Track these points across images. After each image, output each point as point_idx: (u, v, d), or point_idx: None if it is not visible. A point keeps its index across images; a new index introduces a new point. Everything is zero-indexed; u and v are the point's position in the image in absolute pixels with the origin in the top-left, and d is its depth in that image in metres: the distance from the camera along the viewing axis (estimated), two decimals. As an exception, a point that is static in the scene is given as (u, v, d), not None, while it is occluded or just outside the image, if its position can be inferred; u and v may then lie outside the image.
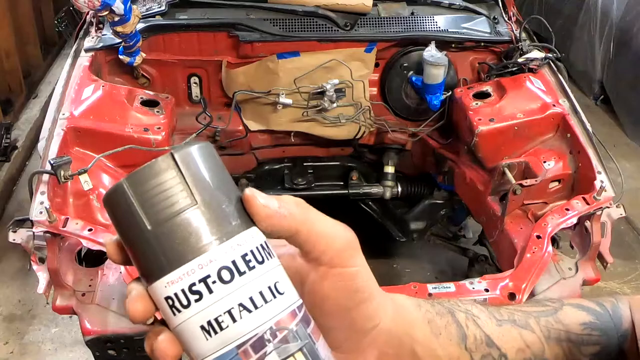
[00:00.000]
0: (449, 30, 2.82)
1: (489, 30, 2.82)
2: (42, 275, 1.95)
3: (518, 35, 2.77)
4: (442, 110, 2.77)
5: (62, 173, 2.00)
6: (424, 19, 2.82)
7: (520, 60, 2.64)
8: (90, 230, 1.92)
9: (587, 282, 2.10)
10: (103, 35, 2.67)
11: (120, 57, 2.61)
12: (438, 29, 2.82)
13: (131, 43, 2.52)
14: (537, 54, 2.63)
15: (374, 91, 2.94)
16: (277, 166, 3.06)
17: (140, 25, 2.57)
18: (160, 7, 2.72)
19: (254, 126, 2.85)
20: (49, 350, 2.87)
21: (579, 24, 5.12)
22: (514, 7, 3.02)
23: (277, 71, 2.72)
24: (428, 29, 2.81)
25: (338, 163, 3.08)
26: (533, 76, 2.59)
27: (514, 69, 2.69)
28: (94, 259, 2.12)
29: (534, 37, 2.89)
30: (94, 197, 2.16)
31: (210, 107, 2.81)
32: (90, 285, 2.01)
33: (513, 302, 1.87)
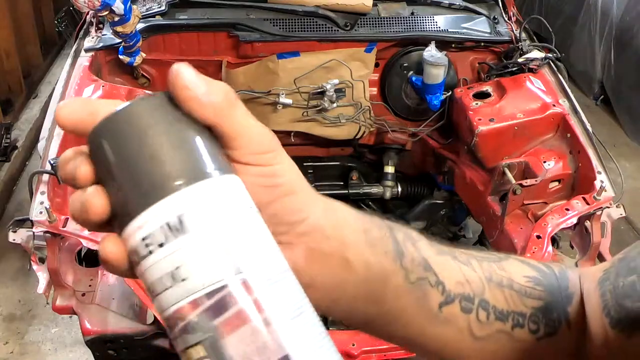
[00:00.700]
0: (449, 30, 2.82)
1: (489, 30, 2.83)
2: (42, 275, 1.95)
3: (518, 35, 2.77)
4: (442, 110, 2.77)
5: (62, 173, 1.99)
6: (424, 19, 2.83)
7: (520, 60, 2.64)
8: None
9: (587, 282, 2.10)
10: (103, 35, 2.67)
11: (120, 57, 2.61)
12: (438, 29, 2.82)
13: (131, 43, 2.52)
14: (537, 54, 2.63)
15: (374, 91, 2.94)
16: (277, 166, 3.06)
17: (140, 25, 2.57)
18: (160, 7, 2.73)
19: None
20: (49, 350, 2.87)
21: (579, 24, 5.12)
22: (514, 7, 3.02)
23: (277, 71, 2.72)
24: (428, 29, 2.81)
25: (338, 163, 3.08)
26: (533, 76, 2.59)
27: (514, 69, 2.69)
28: (94, 259, 2.12)
29: (534, 37, 2.89)
30: (94, 197, 2.16)
31: (210, 107, 2.80)
32: (90, 285, 2.01)
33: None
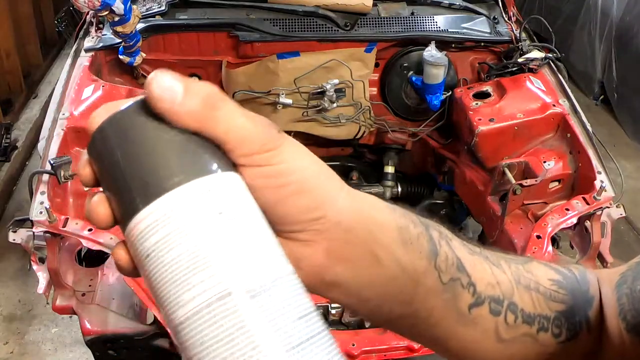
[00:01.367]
0: (449, 30, 2.82)
1: (489, 30, 2.83)
2: (42, 275, 1.95)
3: (518, 35, 2.77)
4: (442, 110, 2.77)
5: (62, 173, 2.00)
6: (424, 19, 2.83)
7: (520, 60, 2.64)
8: (90, 230, 1.92)
9: (587, 282, 2.10)
10: (103, 35, 2.67)
11: (120, 57, 2.61)
12: (438, 29, 2.82)
13: (131, 43, 2.52)
14: (537, 54, 2.63)
15: (374, 91, 2.94)
16: (277, 166, 3.06)
17: (140, 25, 2.57)
18: (160, 7, 2.73)
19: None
20: (49, 350, 2.87)
21: (579, 24, 5.11)
22: (514, 7, 3.02)
23: (277, 71, 2.72)
24: (428, 29, 2.81)
25: (338, 163, 3.07)
26: (533, 76, 2.59)
27: (514, 69, 2.69)
28: (94, 259, 2.12)
29: (534, 37, 2.89)
30: (94, 197, 2.16)
31: (210, 107, 2.80)
32: (90, 285, 2.01)
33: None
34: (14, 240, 1.97)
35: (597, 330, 0.59)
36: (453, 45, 2.82)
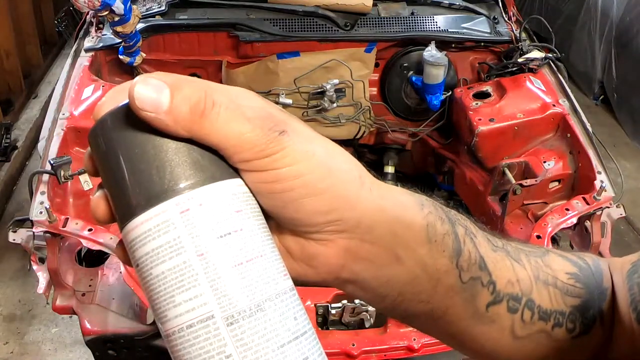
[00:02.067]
0: (449, 30, 2.82)
1: (489, 30, 2.83)
2: (42, 275, 1.95)
3: (518, 35, 2.77)
4: (442, 110, 2.77)
5: (62, 173, 1.99)
6: (424, 19, 2.83)
7: (520, 60, 2.64)
8: (90, 230, 1.92)
9: (587, 282, 2.10)
10: (103, 35, 2.67)
11: (120, 57, 2.61)
12: (438, 29, 2.82)
13: (131, 43, 2.52)
14: (537, 54, 2.63)
15: (374, 91, 2.94)
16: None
17: (140, 25, 2.57)
18: (160, 7, 2.73)
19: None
20: (49, 350, 2.87)
21: (579, 24, 5.12)
22: (514, 7, 3.02)
23: (277, 71, 2.72)
24: (428, 29, 2.81)
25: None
26: (533, 76, 2.59)
27: (514, 69, 2.69)
28: (94, 259, 2.12)
29: (534, 37, 2.89)
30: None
31: (210, 107, 2.80)
32: (90, 285, 2.01)
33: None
34: (14, 240, 1.97)
35: (610, 321, 0.58)
36: (453, 45, 2.82)
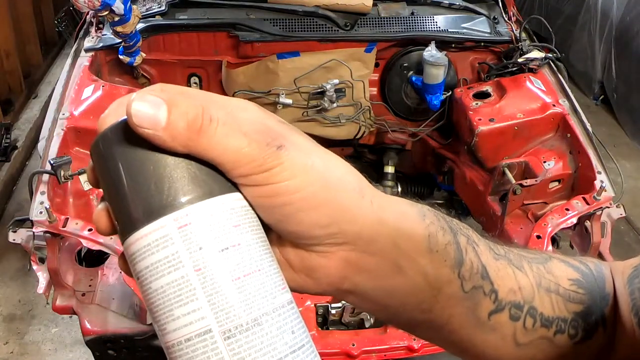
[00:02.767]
0: (449, 30, 2.82)
1: (489, 30, 2.83)
2: (42, 275, 1.95)
3: (518, 35, 2.77)
4: (442, 110, 2.77)
5: (62, 173, 2.00)
6: (424, 19, 2.83)
7: (520, 60, 2.64)
8: (90, 230, 1.92)
9: (587, 282, 2.10)
10: (103, 35, 2.67)
11: (120, 57, 2.61)
12: (438, 29, 2.82)
13: (131, 43, 2.52)
14: (537, 54, 2.63)
15: (374, 91, 2.95)
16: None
17: (140, 25, 2.57)
18: (160, 7, 2.73)
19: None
20: (49, 350, 2.87)
21: (579, 24, 5.12)
22: (514, 7, 3.02)
23: (277, 71, 2.72)
24: (428, 29, 2.81)
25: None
26: (533, 76, 2.59)
27: (514, 69, 2.69)
28: (94, 259, 2.12)
29: (534, 37, 2.89)
30: (94, 197, 2.16)
31: (210, 107, 2.80)
32: (90, 285, 2.01)
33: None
34: (14, 240, 1.97)
35: (612, 326, 0.58)
36: (453, 45, 2.82)
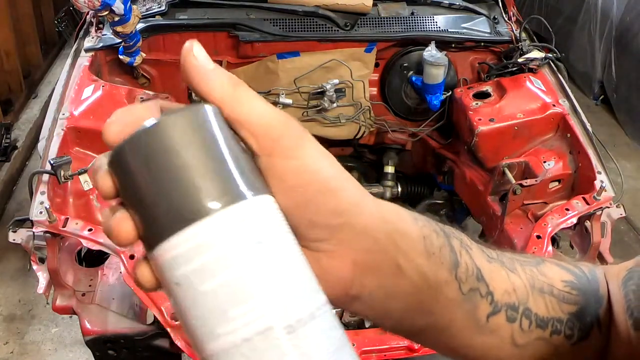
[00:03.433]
0: (449, 30, 2.82)
1: (489, 30, 2.83)
2: (42, 275, 1.95)
3: (518, 35, 2.77)
4: (442, 110, 2.77)
5: (62, 173, 2.00)
6: (424, 19, 2.83)
7: (520, 60, 2.64)
8: (90, 230, 1.92)
9: (587, 282, 2.10)
10: (103, 35, 2.67)
11: (120, 57, 2.61)
12: (438, 29, 2.82)
13: (131, 43, 2.52)
14: (537, 54, 2.63)
15: (374, 91, 2.94)
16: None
17: (140, 25, 2.57)
18: (160, 7, 2.73)
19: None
20: (49, 350, 2.87)
21: (579, 24, 5.12)
22: (514, 7, 3.02)
23: (277, 71, 2.72)
24: (428, 29, 2.81)
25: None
26: (533, 76, 2.59)
27: (514, 69, 2.69)
28: (94, 259, 2.12)
29: (534, 37, 2.89)
30: (94, 197, 2.16)
31: (210, 107, 2.81)
32: (90, 285, 2.01)
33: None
34: (14, 240, 1.97)
35: (607, 328, 0.59)
36: (453, 45, 2.82)
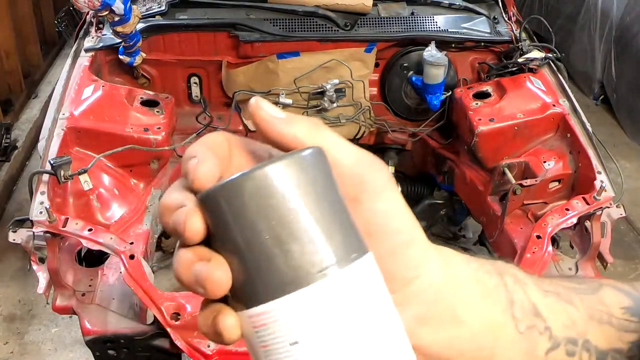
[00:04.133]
0: (449, 30, 2.82)
1: (489, 30, 2.83)
2: (42, 275, 1.95)
3: (518, 35, 2.77)
4: (442, 110, 2.77)
5: (62, 173, 2.00)
6: (424, 19, 2.83)
7: (520, 60, 2.64)
8: (90, 230, 1.92)
9: (587, 282, 2.10)
10: (103, 35, 2.67)
11: (120, 57, 2.61)
12: (438, 29, 2.82)
13: (131, 43, 2.52)
14: (537, 54, 2.63)
15: (374, 91, 2.94)
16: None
17: (140, 25, 2.57)
18: (160, 7, 2.73)
19: (254, 126, 2.84)
20: (49, 350, 2.87)
21: (579, 24, 5.12)
22: (514, 7, 3.02)
23: (277, 71, 2.72)
24: (428, 29, 2.81)
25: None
26: (533, 76, 2.59)
27: (514, 69, 2.69)
28: (94, 259, 2.12)
29: (534, 37, 2.89)
30: (94, 197, 2.16)
31: (210, 107, 2.81)
32: (90, 285, 2.01)
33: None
34: (14, 240, 1.97)
35: None
36: (453, 45, 2.82)
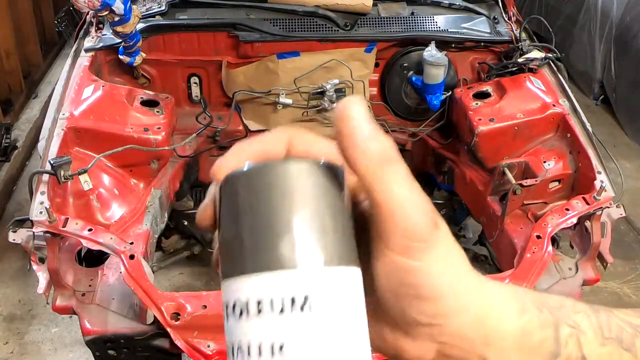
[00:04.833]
0: (449, 30, 2.82)
1: (489, 30, 2.83)
2: (42, 275, 1.95)
3: (518, 35, 2.77)
4: (442, 110, 2.77)
5: (62, 173, 2.00)
6: (424, 19, 2.83)
7: (520, 60, 2.64)
8: (90, 230, 1.92)
9: (587, 282, 2.10)
10: (103, 35, 2.67)
11: (120, 57, 2.61)
12: (438, 29, 2.82)
13: (131, 43, 2.52)
14: (537, 54, 2.63)
15: (374, 91, 2.95)
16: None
17: (140, 25, 2.57)
18: (160, 7, 2.73)
19: (254, 126, 2.85)
20: (49, 350, 2.87)
21: (579, 24, 5.12)
22: (514, 7, 3.02)
23: (277, 71, 2.72)
24: (428, 29, 2.81)
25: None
26: (533, 76, 2.59)
27: (514, 69, 2.69)
28: (94, 259, 2.12)
29: (534, 37, 2.89)
30: (94, 197, 2.16)
31: (210, 107, 2.81)
32: (90, 285, 2.01)
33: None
34: (14, 240, 1.97)
35: None
36: (453, 45, 2.82)
